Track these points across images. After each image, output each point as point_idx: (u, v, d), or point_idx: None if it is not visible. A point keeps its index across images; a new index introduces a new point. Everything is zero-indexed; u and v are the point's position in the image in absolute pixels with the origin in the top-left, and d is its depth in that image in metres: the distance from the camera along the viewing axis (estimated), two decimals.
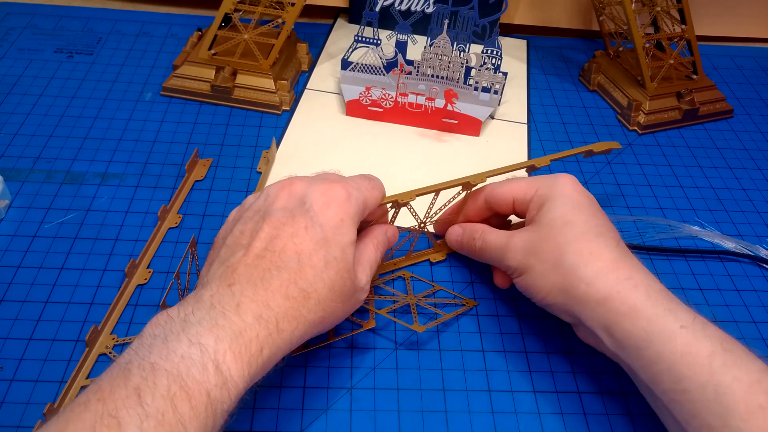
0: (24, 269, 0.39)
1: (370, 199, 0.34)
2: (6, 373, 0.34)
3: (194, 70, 0.54)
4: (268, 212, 0.31)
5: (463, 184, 0.38)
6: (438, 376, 0.36)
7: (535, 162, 0.41)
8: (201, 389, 0.25)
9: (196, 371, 0.25)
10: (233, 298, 0.28)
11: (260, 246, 0.30)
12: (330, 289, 0.30)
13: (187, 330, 0.26)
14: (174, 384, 0.24)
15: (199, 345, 0.25)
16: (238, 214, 0.34)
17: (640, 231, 0.46)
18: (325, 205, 0.31)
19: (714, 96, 0.58)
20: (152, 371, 0.24)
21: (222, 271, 0.29)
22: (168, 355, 0.25)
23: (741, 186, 0.52)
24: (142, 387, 0.24)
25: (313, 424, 0.33)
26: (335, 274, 0.30)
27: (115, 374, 0.25)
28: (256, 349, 0.27)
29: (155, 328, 0.27)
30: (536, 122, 0.56)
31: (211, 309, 0.27)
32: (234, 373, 0.26)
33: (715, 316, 0.41)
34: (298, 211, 0.31)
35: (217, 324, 0.26)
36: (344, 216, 0.32)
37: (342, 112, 0.54)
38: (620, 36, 0.59)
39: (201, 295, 0.28)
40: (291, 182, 0.33)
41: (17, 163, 0.47)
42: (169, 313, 0.27)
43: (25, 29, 0.61)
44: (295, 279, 0.29)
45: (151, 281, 0.39)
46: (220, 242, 0.33)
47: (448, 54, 0.49)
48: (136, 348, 0.26)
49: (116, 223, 0.43)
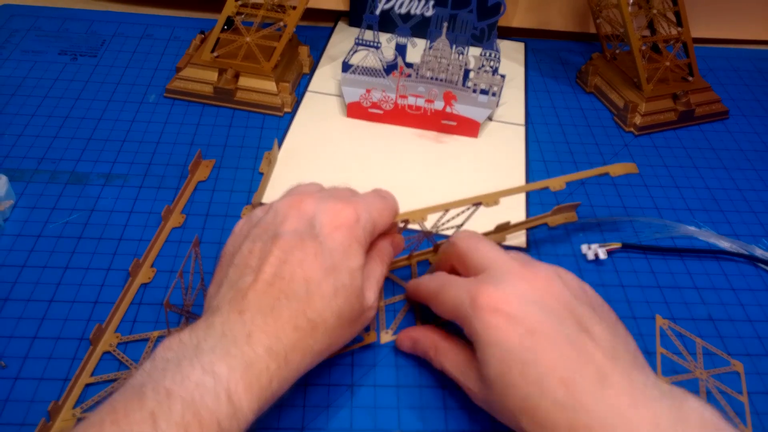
0: (28, 268, 0.40)
1: (380, 220, 0.33)
2: (10, 371, 0.34)
3: (197, 73, 0.54)
4: (278, 234, 0.31)
5: (475, 203, 0.37)
6: (438, 372, 0.36)
7: (549, 184, 0.39)
8: (213, 418, 0.25)
9: (210, 400, 0.25)
10: (244, 327, 0.28)
11: (270, 271, 0.29)
12: (338, 317, 0.30)
13: (200, 357, 0.26)
14: (188, 411, 0.24)
15: (212, 373, 0.25)
16: (246, 229, 0.33)
17: (637, 231, 0.47)
18: (334, 229, 0.31)
19: (710, 97, 0.59)
20: (167, 396, 0.24)
21: (232, 296, 0.29)
22: (182, 381, 0.25)
23: (737, 186, 0.52)
24: (157, 412, 0.24)
25: (315, 421, 0.34)
26: (344, 302, 0.30)
27: (130, 396, 0.25)
28: (266, 381, 0.27)
29: (167, 351, 0.27)
30: (534, 124, 0.57)
31: (223, 337, 0.27)
32: (244, 404, 0.26)
33: (712, 315, 0.42)
34: (308, 235, 0.30)
35: (230, 353, 0.26)
36: (353, 241, 0.31)
37: (343, 113, 0.55)
38: (617, 38, 0.60)
39: (212, 322, 0.28)
40: (301, 200, 0.32)
41: (22, 164, 0.47)
42: (180, 338, 0.27)
43: (29, 31, 0.61)
44: (304, 309, 0.29)
45: (154, 280, 0.40)
46: (228, 258, 0.32)
47: (447, 57, 0.50)
48: (150, 371, 0.26)
49: (120, 222, 0.43)
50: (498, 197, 0.38)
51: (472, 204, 0.38)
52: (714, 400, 0.37)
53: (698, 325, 0.41)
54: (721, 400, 0.37)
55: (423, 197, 0.38)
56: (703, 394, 0.37)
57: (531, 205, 0.48)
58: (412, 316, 0.39)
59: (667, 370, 0.38)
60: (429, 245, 0.43)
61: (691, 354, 0.39)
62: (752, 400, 0.37)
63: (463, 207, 0.38)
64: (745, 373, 0.38)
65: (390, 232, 0.37)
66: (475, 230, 0.44)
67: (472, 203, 0.37)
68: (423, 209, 0.36)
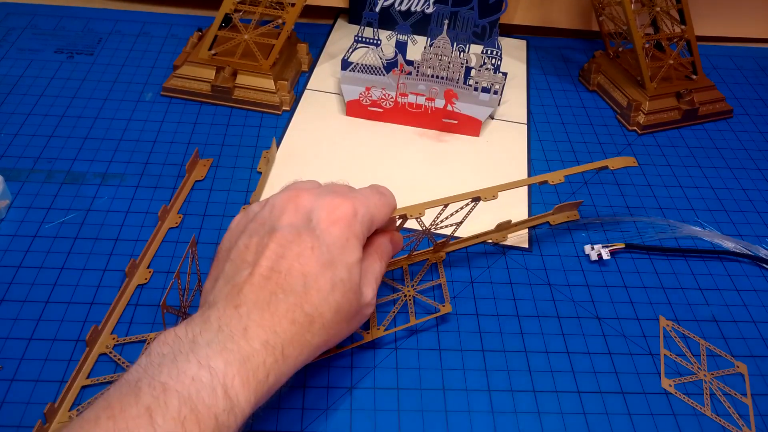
0: (24, 269, 0.39)
1: (377, 215, 0.33)
2: (6, 372, 0.34)
3: (194, 71, 0.54)
4: (274, 228, 0.31)
5: (473, 198, 0.37)
6: (438, 375, 0.36)
7: (548, 178, 0.39)
8: (210, 413, 0.24)
9: (206, 394, 0.25)
10: (240, 322, 0.27)
11: (266, 265, 0.29)
12: (336, 312, 0.30)
13: (196, 351, 0.26)
14: (185, 406, 0.24)
15: (208, 368, 0.25)
16: (242, 224, 0.33)
17: (640, 231, 0.46)
18: (331, 224, 0.31)
19: (713, 96, 0.58)
20: (163, 391, 0.24)
21: (228, 291, 0.29)
22: (178, 375, 0.25)
23: (740, 186, 0.52)
24: (153, 407, 0.24)
25: (313, 424, 0.33)
26: (341, 297, 0.30)
27: (125, 391, 0.24)
28: (263, 376, 0.27)
29: (163, 346, 0.26)
30: (536, 122, 0.56)
31: (219, 332, 0.27)
32: (241, 399, 0.26)
33: (715, 316, 0.41)
34: (305, 229, 0.30)
35: (226, 347, 0.26)
36: (350, 235, 0.31)
37: (342, 112, 0.54)
38: (620, 36, 0.59)
39: (208, 316, 0.28)
40: (298, 195, 0.32)
41: (18, 163, 0.47)
42: (176, 332, 0.27)
43: (26, 29, 0.61)
44: (301, 303, 0.29)
45: (151, 281, 0.39)
46: (224, 254, 0.32)
47: (448, 54, 0.49)
48: (145, 366, 0.26)
49: (117, 223, 0.43)
50: (496, 191, 0.37)
51: (470, 199, 0.37)
52: (718, 402, 0.36)
53: (702, 326, 0.40)
54: (725, 402, 0.36)
55: (424, 197, 0.38)
56: (707, 396, 0.36)
57: (533, 204, 0.48)
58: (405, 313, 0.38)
59: (670, 372, 0.37)
60: (430, 245, 0.43)
61: (694, 356, 0.38)
62: (756, 402, 0.36)
63: (462, 203, 0.37)
64: (749, 374, 0.38)
65: (389, 229, 0.37)
66: (476, 228, 0.44)
67: (470, 198, 0.37)
68: (421, 204, 0.36)
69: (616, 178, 0.51)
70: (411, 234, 0.40)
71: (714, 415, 0.35)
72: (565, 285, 0.42)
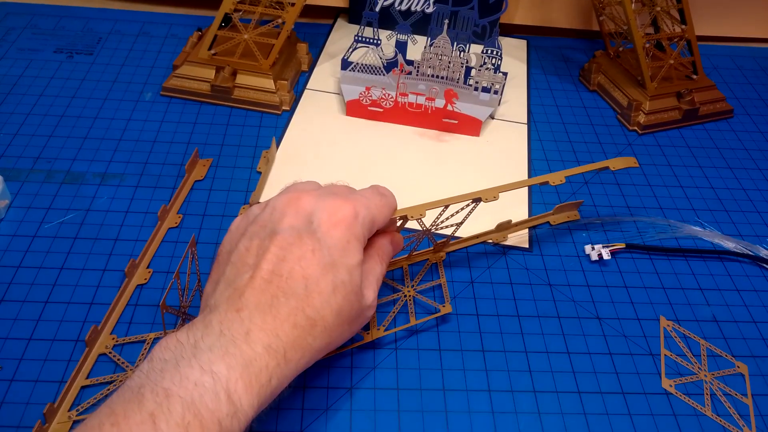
0: (24, 269, 0.39)
1: (378, 216, 0.33)
2: (6, 373, 0.34)
3: (194, 70, 0.54)
4: (275, 231, 0.30)
5: (474, 198, 0.37)
6: (438, 375, 0.36)
7: (549, 179, 0.39)
8: (213, 418, 0.24)
9: (209, 399, 0.25)
10: (242, 325, 0.27)
11: (267, 268, 0.29)
12: (337, 314, 0.30)
13: (198, 356, 0.26)
14: (188, 412, 0.24)
15: (211, 373, 0.25)
16: (243, 226, 0.32)
17: (641, 231, 0.46)
18: (332, 226, 0.31)
19: (714, 96, 0.58)
20: (166, 397, 0.24)
21: (229, 294, 0.29)
22: (181, 381, 0.25)
23: (741, 186, 0.52)
24: (157, 413, 0.24)
25: (313, 424, 0.33)
26: (342, 299, 0.30)
27: (128, 398, 0.24)
28: (266, 379, 0.27)
29: (165, 352, 0.26)
30: (536, 122, 0.56)
31: (221, 336, 0.27)
32: (244, 403, 0.26)
33: (716, 316, 0.41)
34: (306, 232, 0.30)
35: (228, 352, 0.26)
36: (351, 237, 0.31)
37: (342, 112, 0.54)
38: (620, 36, 0.59)
39: (209, 320, 0.28)
40: (298, 197, 0.32)
41: (17, 163, 0.47)
42: (177, 338, 0.27)
43: (25, 29, 0.61)
44: (303, 307, 0.29)
45: (151, 281, 0.39)
46: (224, 257, 0.32)
47: (448, 54, 0.49)
48: (147, 372, 0.26)
49: (116, 223, 0.43)
50: (497, 192, 0.37)
51: (471, 200, 0.37)
52: (719, 402, 0.36)
53: (702, 326, 0.40)
54: (726, 403, 0.36)
55: (424, 197, 0.38)
56: (708, 396, 0.36)
57: (534, 204, 0.48)
58: (405, 314, 0.38)
59: (671, 372, 0.37)
60: (430, 245, 0.43)
61: (695, 356, 0.38)
62: (756, 402, 0.36)
63: (462, 204, 0.37)
64: (749, 375, 0.38)
65: (389, 230, 0.36)
66: (476, 228, 0.44)
67: (470, 199, 0.37)
68: (421, 205, 0.36)
69: (616, 178, 0.51)
70: (411, 234, 0.40)
71: (714, 416, 0.35)
72: (565, 285, 0.42)
